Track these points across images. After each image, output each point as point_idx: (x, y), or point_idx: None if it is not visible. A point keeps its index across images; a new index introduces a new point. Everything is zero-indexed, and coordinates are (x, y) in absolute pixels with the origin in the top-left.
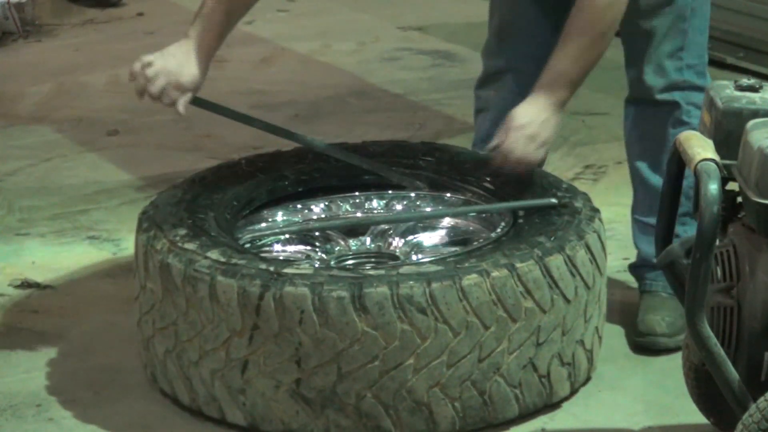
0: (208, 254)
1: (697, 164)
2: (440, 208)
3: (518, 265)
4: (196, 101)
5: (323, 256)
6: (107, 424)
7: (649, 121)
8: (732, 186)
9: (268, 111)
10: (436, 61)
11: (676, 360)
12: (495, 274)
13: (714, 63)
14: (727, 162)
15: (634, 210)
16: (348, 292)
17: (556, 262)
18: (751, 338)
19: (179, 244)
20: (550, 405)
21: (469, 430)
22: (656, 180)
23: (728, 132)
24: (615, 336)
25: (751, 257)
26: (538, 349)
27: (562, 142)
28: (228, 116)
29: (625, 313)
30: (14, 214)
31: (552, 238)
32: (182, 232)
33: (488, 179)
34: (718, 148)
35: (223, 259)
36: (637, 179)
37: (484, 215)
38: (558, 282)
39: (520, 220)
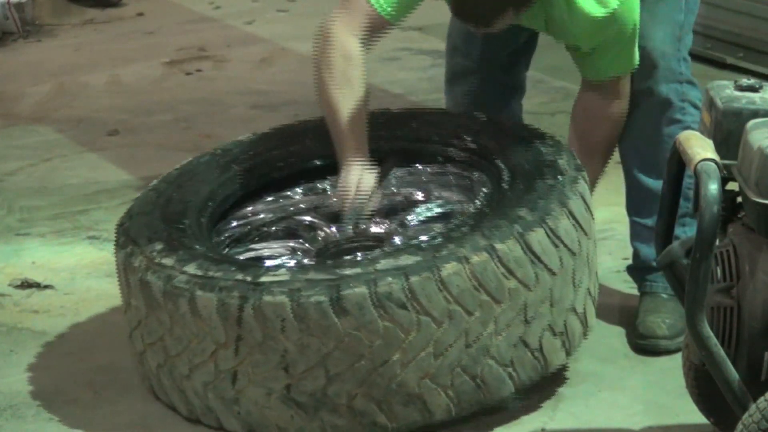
0: (185, 269)
1: (697, 164)
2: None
3: (498, 246)
4: None
5: (309, 247)
6: (107, 424)
7: (641, 121)
8: (732, 186)
9: (268, 111)
10: (436, 61)
11: (676, 360)
12: (474, 259)
13: (714, 63)
14: (727, 162)
15: (629, 212)
16: (326, 296)
17: (537, 236)
18: (751, 338)
19: (156, 261)
20: (551, 404)
21: (466, 413)
22: (650, 181)
23: (728, 132)
24: (615, 336)
25: (751, 257)
26: (527, 326)
27: (562, 142)
28: None
29: (625, 313)
30: (14, 214)
31: (533, 209)
32: (159, 246)
33: (469, 138)
34: (718, 148)
35: (200, 273)
36: (630, 181)
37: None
38: (541, 257)
39: (504, 185)
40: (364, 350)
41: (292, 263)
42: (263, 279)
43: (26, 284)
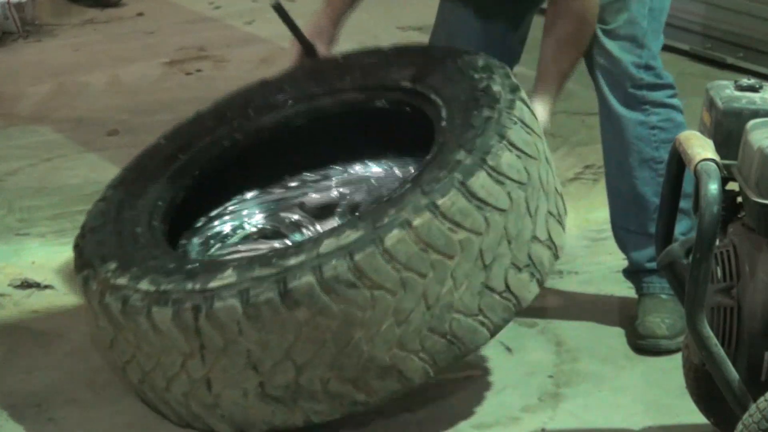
0: (139, 286)
1: (697, 164)
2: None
3: (439, 201)
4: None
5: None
6: (107, 424)
7: (606, 126)
8: (732, 186)
9: None
10: None
11: (676, 360)
12: (417, 221)
13: (714, 63)
14: (727, 162)
15: (612, 221)
16: (274, 292)
17: (479, 180)
18: (751, 338)
19: (111, 282)
20: (551, 404)
21: (445, 370)
22: (625, 187)
23: (728, 132)
24: (615, 336)
25: (751, 257)
26: (488, 271)
27: (562, 142)
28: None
29: (625, 313)
30: (14, 214)
31: (471, 150)
32: (112, 266)
33: (408, 70)
34: (718, 148)
35: (153, 289)
36: (608, 188)
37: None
38: (486, 200)
39: (443, 124)
40: (325, 335)
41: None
42: (211, 285)
43: (26, 284)
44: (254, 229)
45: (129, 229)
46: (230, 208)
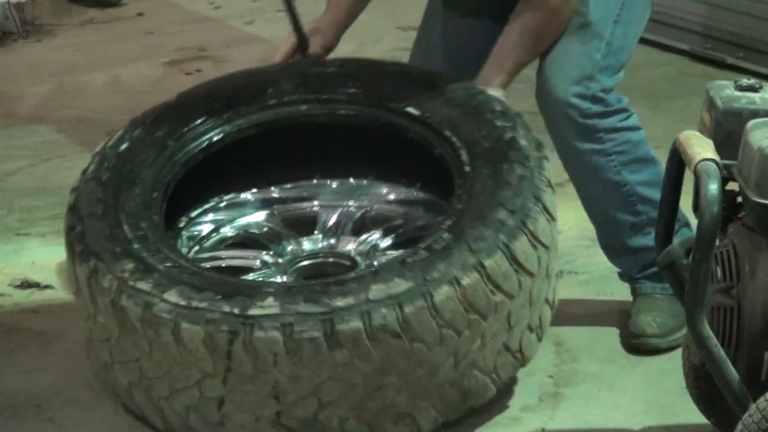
0: (165, 296)
1: (697, 164)
2: (384, 191)
3: (486, 263)
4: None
5: (279, 260)
6: (107, 424)
7: (563, 156)
8: (732, 186)
9: None
10: None
11: (675, 360)
12: (466, 281)
13: (714, 63)
14: (727, 162)
15: (597, 237)
16: (320, 332)
17: (521, 245)
18: (751, 338)
19: (130, 284)
20: (551, 404)
21: (451, 419)
22: (596, 211)
23: (728, 132)
24: (615, 336)
25: (751, 257)
26: (510, 333)
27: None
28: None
29: (625, 314)
30: (14, 214)
31: (513, 211)
32: (129, 266)
33: (417, 101)
34: (718, 148)
35: (183, 302)
36: (584, 209)
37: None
38: (524, 264)
39: (467, 169)
40: (358, 378)
41: (272, 280)
42: (252, 312)
43: (26, 284)
44: (231, 234)
45: (134, 223)
46: (208, 208)
